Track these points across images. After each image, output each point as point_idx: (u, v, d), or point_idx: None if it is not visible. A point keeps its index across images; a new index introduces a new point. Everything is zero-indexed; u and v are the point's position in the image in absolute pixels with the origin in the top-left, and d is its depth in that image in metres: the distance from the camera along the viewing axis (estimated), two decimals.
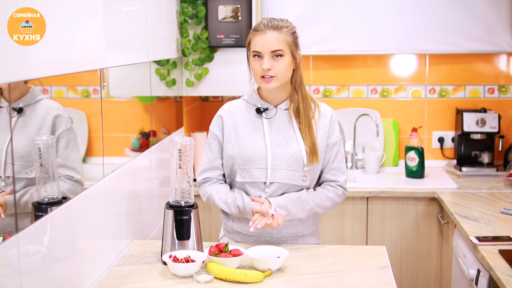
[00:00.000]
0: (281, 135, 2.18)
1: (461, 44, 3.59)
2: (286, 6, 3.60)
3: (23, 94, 1.74)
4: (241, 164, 2.17)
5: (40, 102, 1.80)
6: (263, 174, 2.16)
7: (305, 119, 2.17)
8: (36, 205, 1.71)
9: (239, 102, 2.26)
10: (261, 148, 2.16)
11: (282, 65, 2.11)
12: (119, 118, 2.50)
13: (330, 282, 1.94)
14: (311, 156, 2.15)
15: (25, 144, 1.71)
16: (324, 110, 2.23)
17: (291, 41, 2.13)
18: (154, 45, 2.83)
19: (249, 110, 2.22)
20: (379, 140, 3.72)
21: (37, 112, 1.79)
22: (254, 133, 2.18)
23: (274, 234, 2.22)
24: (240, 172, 2.18)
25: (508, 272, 2.06)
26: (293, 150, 2.16)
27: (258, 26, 2.13)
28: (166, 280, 1.97)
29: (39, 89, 1.80)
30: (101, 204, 2.13)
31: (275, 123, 2.19)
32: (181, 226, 2.08)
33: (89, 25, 2.00)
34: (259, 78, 2.13)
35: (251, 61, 2.15)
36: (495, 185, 3.31)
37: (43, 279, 1.68)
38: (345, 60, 3.73)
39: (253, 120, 2.20)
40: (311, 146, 2.15)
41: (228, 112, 2.24)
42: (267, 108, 2.19)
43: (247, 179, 2.18)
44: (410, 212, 3.26)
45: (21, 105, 1.72)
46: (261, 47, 2.10)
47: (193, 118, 3.65)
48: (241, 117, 2.21)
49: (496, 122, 3.52)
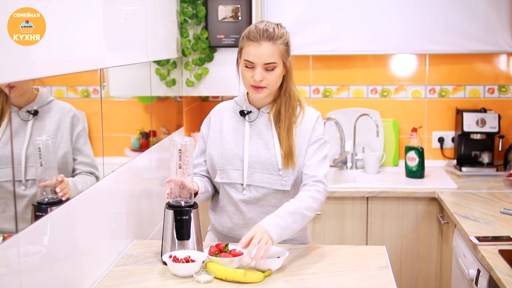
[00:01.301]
0: (261, 138, 2.19)
1: (461, 44, 3.59)
2: (286, 6, 3.60)
3: (32, 98, 1.76)
4: (221, 165, 2.20)
5: (52, 103, 1.82)
6: (240, 176, 2.18)
7: (285, 122, 2.16)
8: (36, 205, 1.71)
9: (230, 103, 2.28)
10: (239, 150, 2.18)
11: (274, 76, 2.10)
12: (119, 118, 2.50)
13: (330, 282, 1.94)
14: (286, 159, 2.14)
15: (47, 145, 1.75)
16: (308, 113, 2.20)
17: (284, 51, 2.11)
18: (154, 45, 2.83)
19: (236, 112, 2.24)
20: (379, 140, 3.72)
21: (52, 113, 1.81)
22: (236, 135, 2.20)
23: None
24: (220, 173, 2.20)
25: (508, 272, 2.06)
26: (269, 154, 2.16)
27: (252, 34, 2.08)
28: (166, 280, 1.97)
29: (48, 91, 1.82)
30: (101, 204, 2.13)
31: (257, 126, 2.20)
32: (181, 226, 2.08)
33: (89, 25, 2.00)
34: (248, 86, 2.13)
35: (242, 69, 2.13)
36: (495, 185, 3.31)
37: (43, 279, 1.68)
38: (345, 60, 3.73)
39: (237, 122, 2.22)
40: (287, 149, 2.14)
41: (217, 113, 2.28)
42: (250, 111, 2.21)
43: (225, 180, 2.20)
44: (410, 212, 3.26)
45: (35, 108, 1.74)
46: (254, 58, 2.08)
47: (193, 118, 3.65)
48: (227, 118, 2.24)
49: (496, 122, 3.52)
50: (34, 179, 1.72)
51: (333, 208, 3.25)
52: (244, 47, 2.12)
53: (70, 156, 1.91)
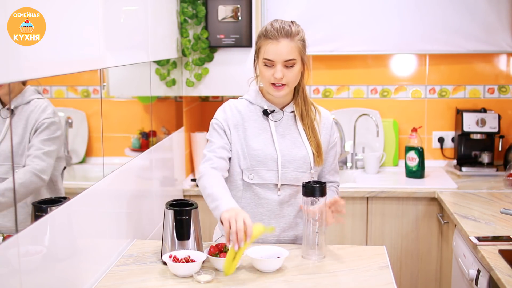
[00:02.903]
0: (287, 138, 2.18)
1: (461, 44, 3.59)
2: (286, 6, 3.60)
3: (15, 95, 1.72)
4: (250, 166, 2.16)
5: (31, 102, 1.77)
6: (274, 176, 2.16)
7: (308, 121, 2.19)
8: (36, 205, 1.71)
9: (242, 101, 2.23)
10: (270, 150, 2.16)
11: (293, 73, 2.11)
12: (119, 118, 2.50)
13: (330, 282, 1.94)
14: (317, 158, 2.18)
15: (14, 145, 1.67)
16: (324, 113, 2.26)
17: (301, 47, 2.13)
18: (154, 45, 2.83)
19: (254, 111, 2.20)
20: (379, 140, 3.72)
21: (26, 113, 1.76)
22: (262, 134, 2.17)
23: (280, 236, 2.23)
24: (248, 174, 2.17)
25: (508, 272, 2.06)
26: (302, 153, 2.17)
27: (270, 33, 2.08)
28: (166, 280, 1.97)
29: (32, 90, 1.76)
30: (101, 204, 2.13)
31: (281, 126, 2.19)
32: (181, 226, 2.08)
33: (89, 25, 2.00)
34: (269, 84, 2.12)
35: (262, 68, 2.12)
36: (495, 185, 3.31)
37: (43, 279, 1.68)
38: (345, 60, 3.73)
39: (259, 121, 2.19)
40: (316, 148, 2.18)
41: (236, 110, 2.19)
42: (273, 110, 2.19)
43: (256, 181, 2.17)
44: (410, 212, 3.26)
45: (12, 106, 1.69)
46: (274, 56, 2.08)
47: (193, 118, 3.65)
48: (248, 116, 2.19)
49: (496, 122, 3.52)
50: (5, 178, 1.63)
51: None
52: (262, 46, 2.11)
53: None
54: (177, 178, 3.27)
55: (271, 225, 2.17)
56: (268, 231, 1.95)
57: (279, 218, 2.20)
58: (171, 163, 3.21)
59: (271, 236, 2.22)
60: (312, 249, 2.10)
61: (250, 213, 2.16)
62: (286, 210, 2.20)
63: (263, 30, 2.12)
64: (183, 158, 3.42)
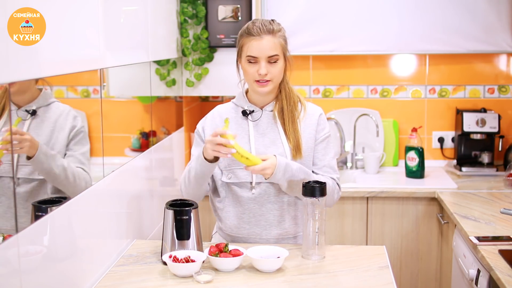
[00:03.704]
0: (266, 137, 2.19)
1: (461, 44, 3.59)
2: (286, 6, 3.60)
3: (34, 97, 1.76)
4: (227, 165, 2.19)
5: (52, 105, 1.81)
6: (249, 174, 2.18)
7: (288, 116, 2.18)
8: (36, 205, 1.71)
9: (228, 105, 2.28)
10: (246, 148, 2.17)
11: (277, 69, 2.13)
12: (119, 118, 2.50)
13: (330, 282, 1.94)
14: (294, 152, 2.16)
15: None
16: (311, 109, 2.24)
17: (284, 44, 2.15)
18: (154, 45, 2.83)
19: (237, 113, 2.24)
20: (379, 140, 3.72)
21: (50, 115, 1.80)
22: (239, 134, 2.20)
23: (262, 235, 2.23)
24: (226, 173, 2.20)
25: (508, 272, 2.06)
26: (278, 150, 2.16)
27: (253, 30, 2.12)
28: (166, 280, 1.97)
29: (51, 92, 1.82)
30: (101, 204, 2.13)
31: (260, 125, 2.21)
32: (181, 226, 2.08)
33: (89, 25, 2.00)
34: (253, 82, 2.14)
35: (245, 65, 2.15)
36: (495, 185, 3.31)
37: (43, 279, 1.68)
38: (345, 60, 3.73)
39: (239, 123, 2.22)
40: (294, 142, 2.16)
41: (216, 114, 2.27)
42: (253, 110, 2.21)
43: (233, 180, 2.19)
44: (410, 212, 3.26)
45: (34, 107, 1.74)
46: (257, 52, 2.10)
47: (193, 118, 3.65)
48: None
49: (496, 122, 3.52)
50: (25, 177, 1.71)
51: (333, 208, 3.24)
52: (245, 44, 2.13)
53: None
54: (177, 178, 3.27)
55: (251, 226, 2.22)
56: (225, 126, 2.03)
57: (258, 217, 2.21)
58: (171, 163, 3.21)
59: (254, 235, 2.22)
60: (312, 249, 2.10)
61: (232, 212, 2.23)
62: (264, 208, 2.20)
63: (244, 29, 2.16)
64: (183, 158, 3.42)
